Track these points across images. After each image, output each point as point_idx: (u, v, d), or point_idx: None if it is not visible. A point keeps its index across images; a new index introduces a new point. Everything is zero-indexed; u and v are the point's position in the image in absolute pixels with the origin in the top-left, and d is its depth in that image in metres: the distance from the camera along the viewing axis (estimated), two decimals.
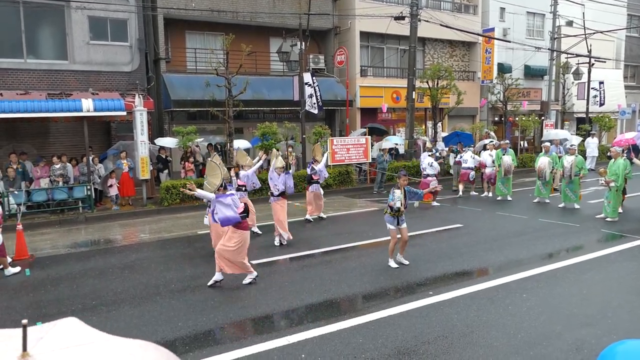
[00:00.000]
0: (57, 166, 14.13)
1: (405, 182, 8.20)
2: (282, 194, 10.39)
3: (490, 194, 15.94)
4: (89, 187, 14.11)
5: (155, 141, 17.00)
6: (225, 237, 7.49)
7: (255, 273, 7.65)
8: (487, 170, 16.05)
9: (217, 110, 16.32)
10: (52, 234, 12.08)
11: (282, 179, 10.31)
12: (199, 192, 7.55)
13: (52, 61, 17.02)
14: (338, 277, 7.80)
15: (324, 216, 12.90)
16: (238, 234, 7.40)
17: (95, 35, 17.53)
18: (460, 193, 16.26)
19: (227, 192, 7.46)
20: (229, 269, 7.47)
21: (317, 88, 18.47)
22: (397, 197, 8.06)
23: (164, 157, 16.93)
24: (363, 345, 5.36)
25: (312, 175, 12.56)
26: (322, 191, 12.80)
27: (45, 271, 8.73)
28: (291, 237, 10.21)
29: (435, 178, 14.44)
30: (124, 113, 14.34)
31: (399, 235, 8.27)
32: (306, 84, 18.38)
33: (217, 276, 7.52)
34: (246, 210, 7.71)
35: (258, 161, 11.88)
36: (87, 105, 13.55)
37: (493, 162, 15.67)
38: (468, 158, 16.36)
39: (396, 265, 8.28)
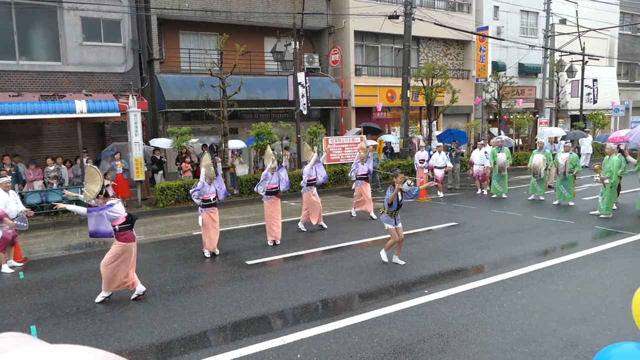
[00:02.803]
0: (51, 168, 14.07)
1: (401, 180, 8.21)
2: (276, 193, 10.36)
3: (485, 192, 16.01)
4: (82, 189, 14.03)
5: (150, 142, 16.96)
6: (109, 251, 7.08)
7: (108, 293, 7.09)
8: (475, 168, 16.19)
9: (212, 111, 16.29)
10: (46, 237, 12.03)
11: (275, 177, 10.30)
12: (69, 207, 7.10)
13: (44, 62, 16.94)
14: (333, 277, 7.79)
15: (374, 216, 12.40)
16: (118, 246, 6.98)
17: (88, 36, 17.45)
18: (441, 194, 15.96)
19: (108, 202, 7.02)
20: (107, 287, 7.04)
21: (307, 88, 18.46)
22: (386, 219, 8.26)
23: (158, 158, 16.89)
24: (359, 344, 5.36)
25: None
26: (364, 189, 12.63)
27: (40, 274, 8.68)
28: (277, 242, 10.14)
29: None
30: (118, 114, 14.28)
31: None
32: (299, 84, 18.37)
33: (138, 289, 7.13)
34: (130, 221, 7.12)
35: (317, 154, 12.05)
36: (81, 107, 13.49)
37: (481, 159, 15.96)
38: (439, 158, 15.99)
39: (386, 260, 8.38)
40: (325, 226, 11.46)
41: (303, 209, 11.58)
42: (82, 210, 7.07)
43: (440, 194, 15.93)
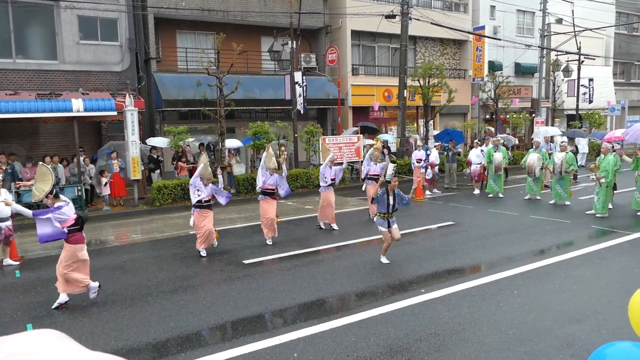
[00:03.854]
0: None
1: (395, 183, 8.27)
2: (272, 194, 10.32)
3: (477, 191, 16.06)
4: (79, 188, 14.01)
5: (147, 141, 16.92)
6: (62, 255, 6.90)
7: (96, 283, 7.05)
8: (473, 168, 16.27)
9: (209, 110, 16.27)
10: None
11: (273, 179, 10.24)
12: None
13: (41, 61, 16.89)
14: (330, 276, 7.81)
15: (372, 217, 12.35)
16: (67, 249, 6.80)
17: (85, 35, 17.41)
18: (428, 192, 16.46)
19: (57, 203, 6.83)
20: (65, 288, 6.82)
21: (304, 88, 18.47)
22: (379, 222, 8.32)
23: (155, 157, 16.85)
24: (355, 343, 5.37)
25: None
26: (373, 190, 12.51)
27: (36, 273, 8.66)
28: (275, 235, 10.16)
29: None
30: (115, 113, 14.23)
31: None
32: (296, 83, 18.37)
33: (62, 297, 6.86)
34: (80, 222, 6.92)
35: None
36: (77, 106, 13.45)
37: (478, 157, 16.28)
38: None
39: (387, 261, 8.37)
40: (323, 227, 11.45)
41: (326, 208, 11.41)
42: (28, 212, 6.88)
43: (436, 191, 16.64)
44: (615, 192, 12.96)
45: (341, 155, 18.39)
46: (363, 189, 12.72)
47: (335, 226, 11.34)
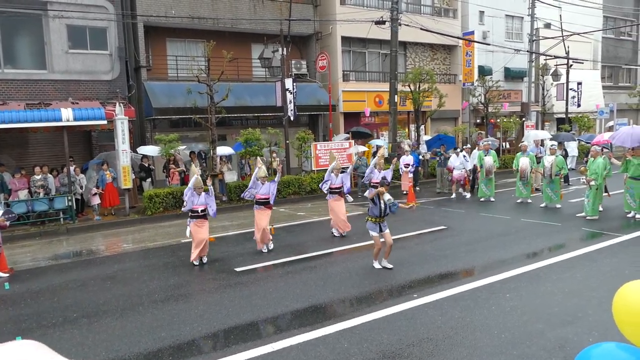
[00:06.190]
0: (38, 177, 13.91)
1: (386, 190, 8.30)
2: (266, 203, 10.25)
3: (469, 195, 16.15)
4: (70, 198, 13.91)
5: (138, 150, 16.85)
6: None
7: None
8: (455, 173, 16.36)
9: (200, 118, 16.24)
10: (32, 247, 11.88)
11: (266, 188, 10.18)
12: None
13: (30, 71, 16.80)
14: (323, 282, 7.79)
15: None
16: None
17: (74, 44, 17.34)
18: (453, 195, 16.56)
19: None
20: None
21: (295, 94, 18.50)
22: (370, 227, 8.32)
23: (146, 165, 16.78)
24: (348, 350, 5.36)
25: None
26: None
27: (25, 284, 8.57)
28: (271, 247, 10.09)
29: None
30: (105, 122, 14.16)
31: (382, 240, 8.34)
32: (287, 89, 18.39)
33: None
34: None
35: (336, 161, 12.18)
36: (67, 115, 13.37)
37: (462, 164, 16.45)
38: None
39: (379, 266, 8.38)
40: (336, 234, 11.20)
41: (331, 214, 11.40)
42: None
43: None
44: (610, 194, 13.04)
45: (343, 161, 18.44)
46: (366, 194, 12.68)
47: (335, 232, 11.23)
